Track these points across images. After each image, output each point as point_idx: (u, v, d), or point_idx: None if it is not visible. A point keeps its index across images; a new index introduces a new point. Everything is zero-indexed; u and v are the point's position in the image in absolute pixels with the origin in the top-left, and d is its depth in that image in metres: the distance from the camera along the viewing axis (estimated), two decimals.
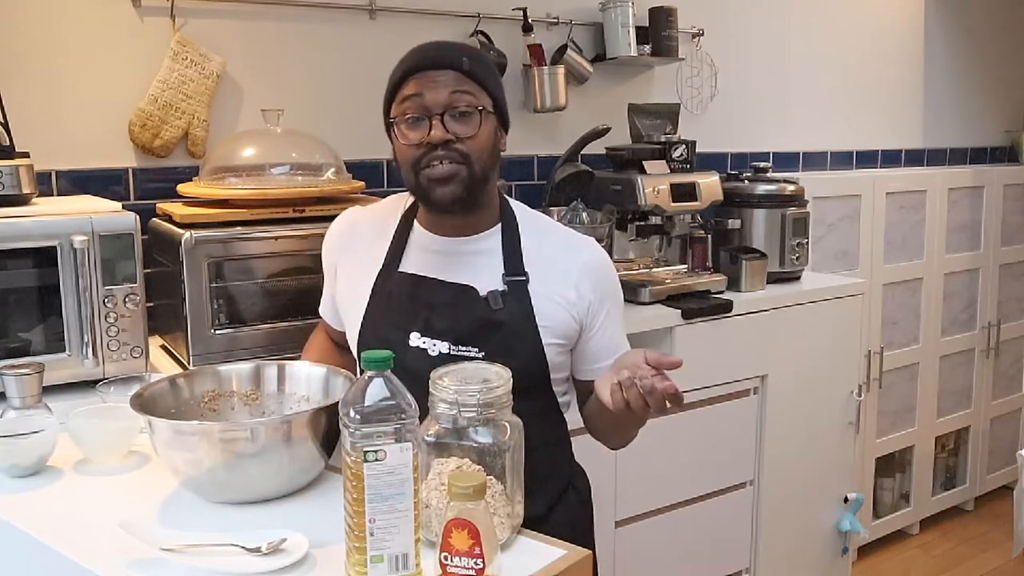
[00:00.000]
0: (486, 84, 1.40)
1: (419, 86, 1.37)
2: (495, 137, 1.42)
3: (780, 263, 2.76)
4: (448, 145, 1.35)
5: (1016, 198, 3.85)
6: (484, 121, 1.38)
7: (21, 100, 1.98)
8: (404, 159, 1.40)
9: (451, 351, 1.38)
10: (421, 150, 1.36)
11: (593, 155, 2.66)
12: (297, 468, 1.22)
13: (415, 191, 1.42)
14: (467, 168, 1.37)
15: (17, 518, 1.19)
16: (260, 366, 1.41)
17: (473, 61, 1.39)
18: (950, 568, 3.41)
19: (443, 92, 1.36)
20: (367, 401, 0.98)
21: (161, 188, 2.18)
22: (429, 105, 1.36)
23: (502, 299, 1.40)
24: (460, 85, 1.37)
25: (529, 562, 1.06)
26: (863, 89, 3.68)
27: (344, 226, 1.56)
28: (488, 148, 1.39)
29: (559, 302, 1.41)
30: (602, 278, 1.46)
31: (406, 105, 1.38)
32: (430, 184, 1.37)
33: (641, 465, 2.34)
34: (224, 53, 2.24)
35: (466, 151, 1.36)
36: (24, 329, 1.65)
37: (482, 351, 1.38)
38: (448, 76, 1.37)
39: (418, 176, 1.38)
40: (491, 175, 1.42)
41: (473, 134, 1.37)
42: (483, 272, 1.42)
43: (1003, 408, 3.95)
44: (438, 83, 1.36)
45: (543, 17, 2.76)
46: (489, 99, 1.40)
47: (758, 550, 2.67)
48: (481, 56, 1.44)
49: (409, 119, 1.37)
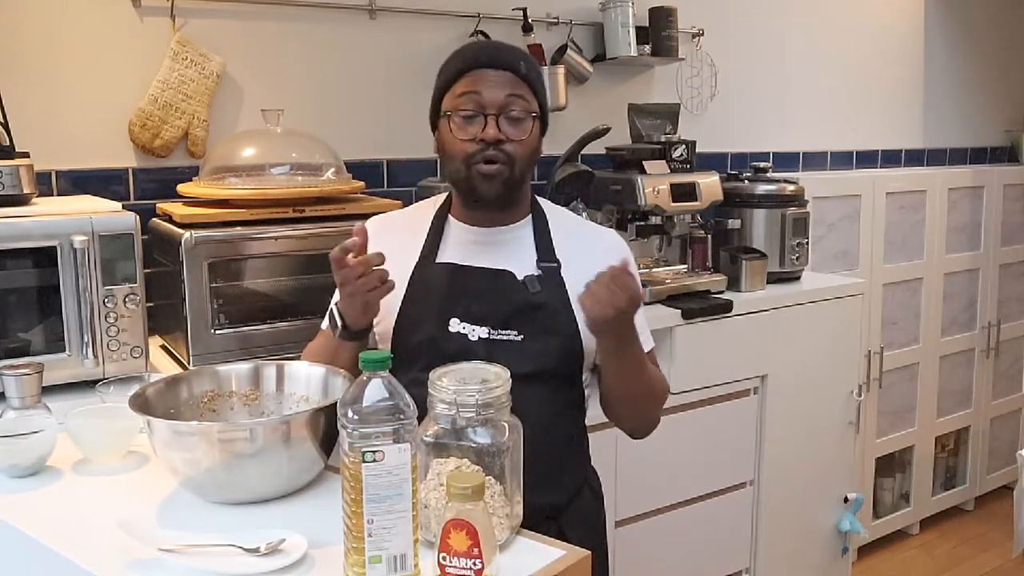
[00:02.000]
0: (537, 90, 1.47)
1: (476, 83, 1.42)
2: (539, 142, 1.49)
3: (780, 263, 2.76)
4: (499, 144, 1.42)
5: (1016, 198, 3.85)
6: (534, 126, 1.45)
7: (21, 100, 1.98)
8: (454, 151, 1.45)
9: (491, 335, 1.42)
10: (475, 146, 1.42)
11: (593, 155, 2.65)
12: (296, 468, 1.22)
13: (460, 181, 1.47)
14: (509, 169, 1.43)
15: (16, 518, 1.19)
16: (259, 366, 1.42)
17: (528, 66, 1.46)
18: (950, 568, 3.41)
19: (500, 93, 1.42)
20: (365, 402, 0.98)
21: (161, 188, 2.18)
22: (485, 104, 1.42)
23: (538, 283, 1.45)
24: (516, 88, 1.43)
25: (528, 562, 1.06)
26: (863, 89, 3.68)
27: (378, 225, 1.56)
28: (531, 153, 1.47)
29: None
30: (620, 250, 1.53)
31: (462, 100, 1.43)
32: (478, 177, 1.43)
33: (641, 465, 2.34)
34: (224, 53, 2.24)
35: (513, 152, 1.43)
36: (24, 329, 1.65)
37: (521, 334, 1.43)
38: (505, 77, 1.43)
39: (469, 170, 1.44)
40: (527, 175, 1.49)
41: (524, 138, 1.44)
42: (518, 259, 1.48)
43: (1003, 408, 3.95)
44: (495, 83, 1.42)
45: (543, 17, 2.76)
46: (538, 105, 1.47)
47: (758, 550, 2.67)
48: (534, 62, 1.50)
49: (464, 114, 1.42)
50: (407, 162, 2.52)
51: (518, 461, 1.15)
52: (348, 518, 0.99)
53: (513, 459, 1.13)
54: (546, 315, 1.44)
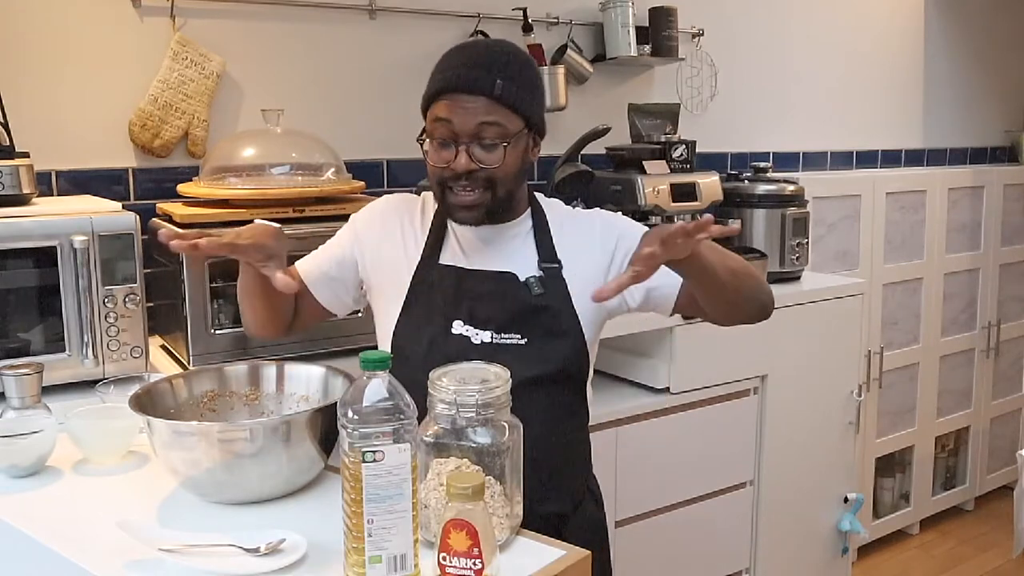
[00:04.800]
0: (518, 107, 1.40)
1: (449, 110, 1.38)
2: (523, 157, 1.44)
3: (780, 263, 2.76)
4: (472, 174, 1.39)
5: (1016, 198, 3.85)
6: (511, 148, 1.40)
7: (21, 100, 1.98)
8: (432, 174, 1.44)
9: (494, 339, 1.41)
10: (448, 172, 1.40)
11: (593, 155, 2.65)
12: (296, 468, 1.22)
13: (440, 205, 1.47)
14: (491, 193, 1.41)
15: (16, 518, 1.20)
16: (259, 366, 1.42)
17: (506, 83, 1.37)
18: (950, 568, 3.41)
19: (471, 121, 1.37)
20: (365, 402, 0.98)
21: (161, 188, 2.18)
22: (457, 132, 1.38)
23: (541, 284, 1.44)
24: (489, 115, 1.37)
25: (528, 563, 1.06)
26: (863, 89, 3.68)
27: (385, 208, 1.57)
28: (514, 172, 1.43)
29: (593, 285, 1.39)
30: (610, 226, 1.50)
31: (436, 126, 1.41)
32: (452, 207, 1.43)
33: (641, 465, 2.33)
34: (224, 53, 2.24)
35: (491, 177, 1.40)
36: (24, 329, 1.65)
37: (525, 337, 1.42)
38: (478, 103, 1.37)
39: (444, 195, 1.43)
40: (516, 189, 1.46)
41: (498, 164, 1.39)
42: (520, 259, 1.47)
43: (1003, 408, 3.95)
44: (467, 110, 1.37)
45: (543, 17, 2.76)
46: (521, 120, 1.41)
47: (758, 550, 2.67)
48: (517, 74, 1.40)
49: (437, 141, 1.40)
50: (407, 162, 2.52)
51: (518, 461, 1.15)
52: (348, 518, 0.99)
53: (513, 459, 1.13)
54: (549, 317, 1.43)
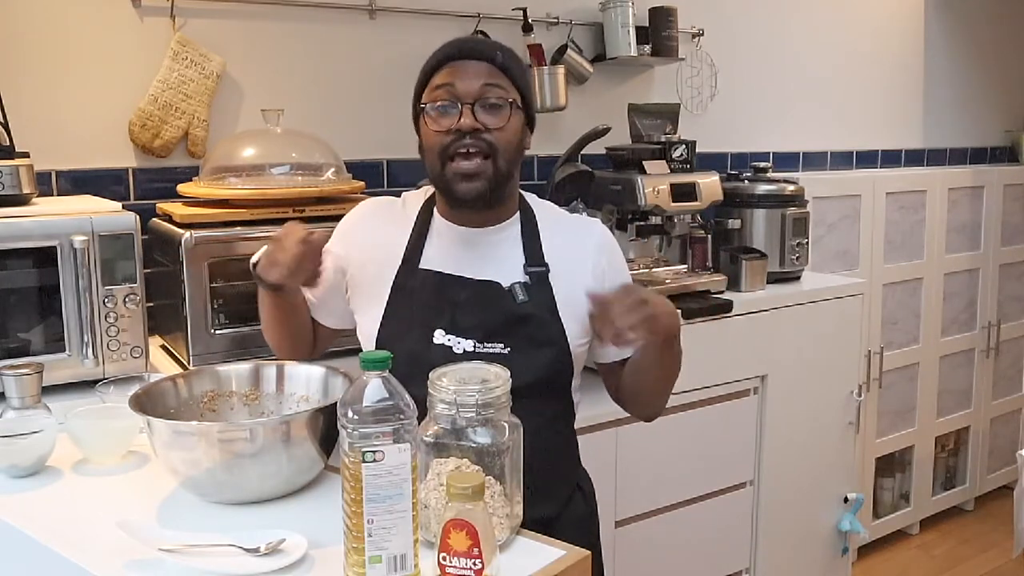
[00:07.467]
0: (517, 80, 1.43)
1: (452, 75, 1.39)
2: (522, 133, 1.44)
3: (780, 263, 2.76)
4: (476, 134, 1.37)
5: (1016, 198, 3.85)
6: (513, 115, 1.40)
7: (21, 100, 1.98)
8: (431, 146, 1.41)
9: (476, 348, 1.39)
10: (449, 137, 1.38)
11: (593, 155, 2.65)
12: (296, 468, 1.22)
13: (439, 181, 1.43)
14: (492, 163, 1.39)
15: (16, 518, 1.19)
16: (259, 366, 1.42)
17: (506, 56, 1.42)
18: (950, 568, 3.41)
19: (475, 82, 1.38)
20: (365, 402, 0.98)
21: (161, 188, 2.18)
22: (461, 94, 1.38)
23: (526, 291, 1.41)
24: (492, 78, 1.39)
25: (528, 563, 1.06)
26: (863, 89, 3.68)
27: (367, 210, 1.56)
28: (515, 143, 1.42)
29: (580, 291, 1.40)
30: (612, 254, 1.51)
31: (438, 92, 1.40)
32: (455, 177, 1.39)
33: (641, 465, 2.34)
34: (224, 53, 2.24)
35: (494, 142, 1.38)
36: (24, 329, 1.65)
37: (508, 347, 1.39)
38: (481, 67, 1.39)
39: (444, 167, 1.40)
40: (514, 171, 1.44)
41: (502, 126, 1.39)
42: (505, 264, 1.44)
43: (1003, 408, 3.95)
44: (471, 73, 1.39)
45: (543, 17, 2.76)
46: (519, 95, 1.43)
47: (758, 550, 2.67)
48: (514, 53, 1.46)
49: (440, 106, 1.39)
50: (407, 162, 2.52)
51: (518, 461, 1.15)
52: (348, 518, 0.98)
53: (513, 459, 1.13)
54: (533, 326, 1.40)
